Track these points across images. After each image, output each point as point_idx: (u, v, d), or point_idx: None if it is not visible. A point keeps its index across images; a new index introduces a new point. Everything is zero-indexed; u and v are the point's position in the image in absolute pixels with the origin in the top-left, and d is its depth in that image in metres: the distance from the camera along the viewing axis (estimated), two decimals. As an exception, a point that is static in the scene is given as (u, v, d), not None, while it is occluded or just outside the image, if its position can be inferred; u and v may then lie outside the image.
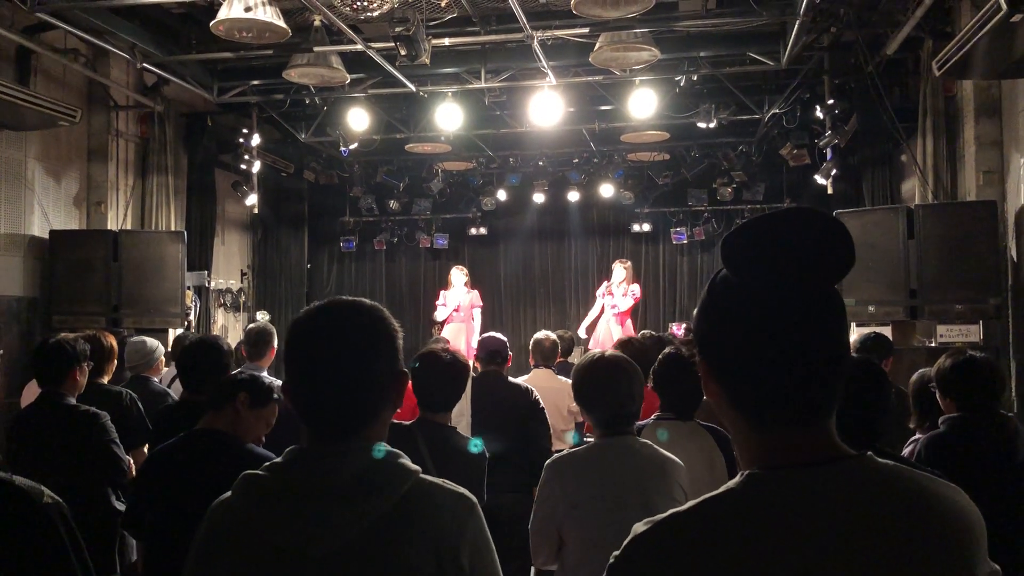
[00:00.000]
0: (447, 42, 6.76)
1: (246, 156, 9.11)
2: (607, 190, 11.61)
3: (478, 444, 3.08)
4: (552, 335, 5.58)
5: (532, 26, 6.26)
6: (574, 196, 11.96)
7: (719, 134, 10.00)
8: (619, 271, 9.93)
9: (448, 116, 8.29)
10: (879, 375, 2.52)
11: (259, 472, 1.41)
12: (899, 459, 2.43)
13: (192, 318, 8.20)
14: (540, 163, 11.30)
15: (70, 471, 3.60)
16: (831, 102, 7.92)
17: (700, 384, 1.15)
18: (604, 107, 9.11)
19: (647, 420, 3.20)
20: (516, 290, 12.99)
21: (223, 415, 2.86)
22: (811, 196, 9.97)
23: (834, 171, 8.44)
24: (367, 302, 1.50)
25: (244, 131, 9.18)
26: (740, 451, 1.11)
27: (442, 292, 10.51)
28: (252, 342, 4.92)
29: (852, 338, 5.34)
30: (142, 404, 4.29)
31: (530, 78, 7.93)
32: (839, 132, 7.94)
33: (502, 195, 12.00)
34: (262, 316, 10.39)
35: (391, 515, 1.34)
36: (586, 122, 9.59)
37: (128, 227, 8.19)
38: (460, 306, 10.20)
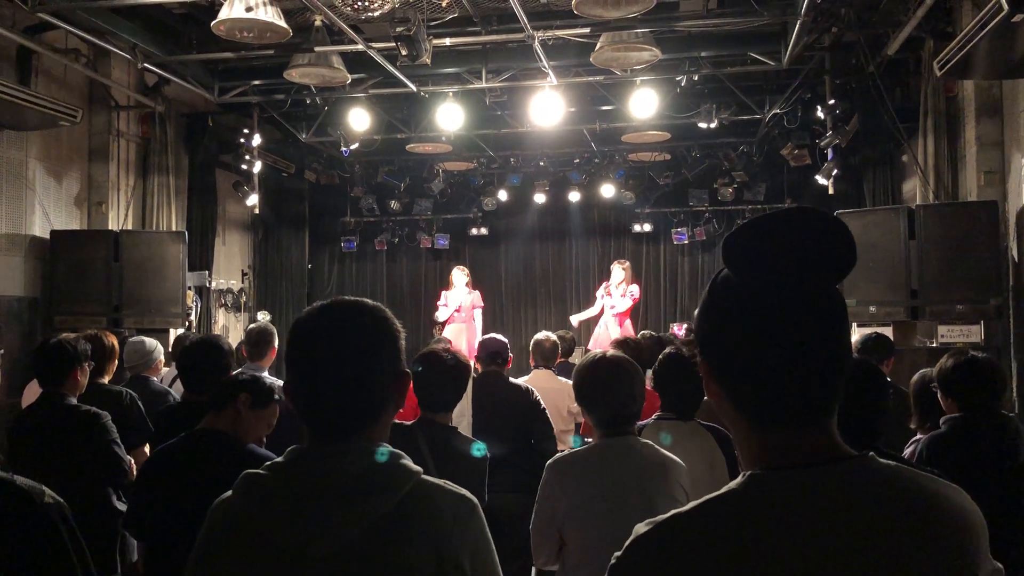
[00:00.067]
0: (448, 42, 6.76)
1: (247, 156, 9.12)
2: (608, 190, 11.60)
3: (481, 448, 3.08)
4: (552, 336, 5.58)
5: (533, 26, 6.26)
6: (575, 196, 11.95)
7: (720, 134, 10.00)
8: (618, 272, 9.92)
9: (449, 116, 8.29)
10: (877, 376, 2.53)
11: (260, 472, 1.40)
12: (899, 460, 2.43)
13: (193, 318, 8.19)
14: (541, 163, 11.30)
15: (71, 471, 3.60)
16: (832, 102, 7.92)
17: (701, 384, 1.15)
18: (605, 107, 9.11)
19: (648, 420, 3.20)
20: (517, 290, 12.98)
21: (224, 415, 2.86)
22: (812, 196, 9.96)
23: (835, 171, 8.43)
24: (369, 302, 1.50)
25: (245, 131, 9.19)
26: (741, 451, 1.11)
27: (443, 293, 10.49)
28: (253, 342, 4.93)
29: (853, 338, 5.34)
30: (142, 404, 4.30)
31: (531, 78, 7.93)
32: (840, 132, 7.94)
33: (503, 195, 11.99)
34: (263, 316, 10.38)
35: (392, 515, 1.34)
36: (587, 122, 9.59)
37: (129, 227, 8.20)
38: (461, 307, 10.18)
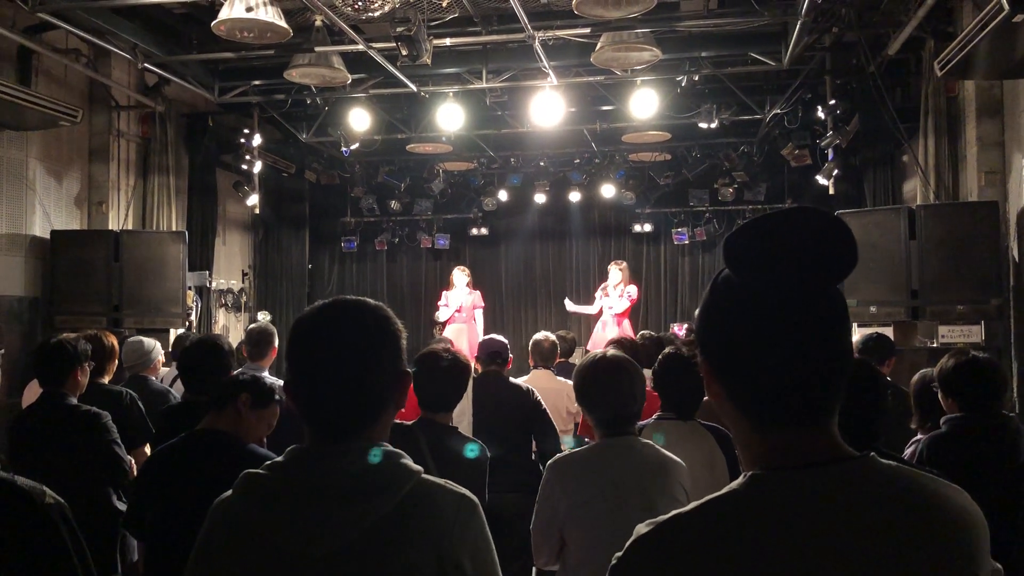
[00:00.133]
0: (448, 42, 6.76)
1: (247, 156, 9.12)
2: (608, 190, 11.59)
3: (481, 448, 3.08)
4: (551, 336, 5.57)
5: (533, 26, 6.26)
6: (575, 196, 11.95)
7: (720, 134, 10.00)
8: (615, 273, 9.87)
9: (449, 116, 8.28)
10: (875, 376, 2.54)
11: (260, 472, 1.40)
12: (899, 460, 2.43)
13: (193, 318, 8.19)
14: (541, 163, 11.30)
15: (71, 471, 3.60)
16: (833, 102, 7.92)
17: (700, 384, 1.15)
18: (605, 107, 9.11)
19: (648, 420, 3.20)
20: (517, 290, 12.98)
21: (225, 415, 2.86)
22: (812, 196, 9.95)
23: (836, 171, 8.43)
24: (371, 302, 1.49)
25: (245, 131, 9.19)
26: (742, 452, 1.11)
27: (444, 293, 10.47)
28: (253, 342, 4.93)
29: (854, 339, 5.34)
30: (142, 404, 4.30)
31: (531, 78, 7.92)
32: (841, 132, 7.94)
33: (503, 195, 11.99)
34: (263, 316, 10.38)
35: (392, 516, 1.33)
36: (587, 122, 9.59)
37: (129, 227, 8.20)
38: (462, 307, 10.17)
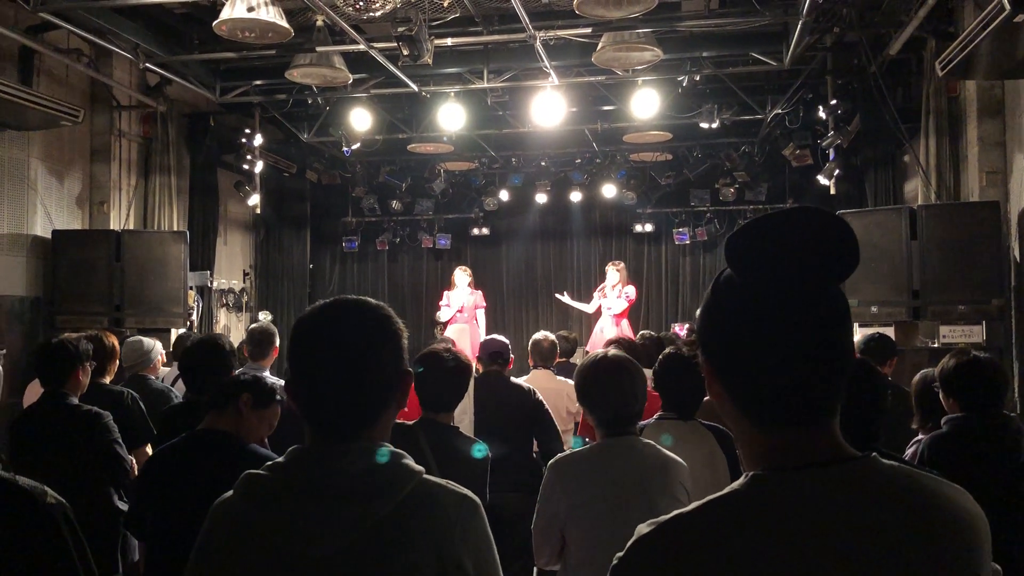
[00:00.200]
0: (449, 42, 6.76)
1: (248, 156, 9.13)
2: (609, 190, 11.59)
3: (482, 448, 3.08)
4: (551, 336, 5.56)
5: (535, 26, 6.26)
6: (576, 196, 11.95)
7: (722, 134, 10.00)
8: (612, 274, 9.82)
9: (450, 116, 8.29)
10: (874, 376, 2.53)
11: (261, 472, 1.40)
12: (900, 460, 2.42)
13: (194, 318, 8.20)
14: (542, 163, 11.30)
15: (73, 471, 3.60)
16: (834, 102, 7.91)
17: (701, 383, 1.14)
18: (606, 107, 9.11)
19: (649, 420, 3.20)
20: (518, 290, 12.98)
21: (226, 415, 2.86)
22: (814, 196, 9.95)
23: (837, 171, 8.42)
24: (372, 301, 1.49)
25: (247, 131, 9.19)
26: (744, 452, 1.11)
27: (446, 293, 10.46)
28: (255, 342, 4.93)
29: (856, 339, 5.33)
30: (143, 403, 4.30)
31: (532, 78, 7.92)
32: (842, 132, 7.93)
33: (504, 195, 11.99)
34: (264, 316, 10.39)
35: (393, 516, 1.33)
36: (588, 122, 9.59)
37: (131, 227, 8.20)
38: (464, 307, 10.16)
